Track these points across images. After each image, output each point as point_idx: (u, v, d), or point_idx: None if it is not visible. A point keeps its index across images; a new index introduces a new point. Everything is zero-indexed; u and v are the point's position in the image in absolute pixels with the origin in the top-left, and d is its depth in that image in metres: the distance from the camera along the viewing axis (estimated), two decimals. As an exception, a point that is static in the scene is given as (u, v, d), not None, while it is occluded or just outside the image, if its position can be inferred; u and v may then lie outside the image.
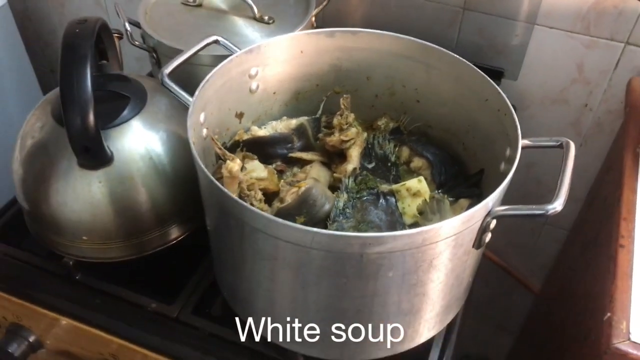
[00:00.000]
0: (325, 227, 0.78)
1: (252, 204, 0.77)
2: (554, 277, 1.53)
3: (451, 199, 0.87)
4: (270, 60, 0.87)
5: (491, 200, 0.64)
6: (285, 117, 0.94)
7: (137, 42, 1.03)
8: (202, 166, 0.66)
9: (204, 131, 0.80)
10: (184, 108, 0.75)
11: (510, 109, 0.75)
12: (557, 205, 0.62)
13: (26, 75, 1.65)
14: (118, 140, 0.84)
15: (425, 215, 0.78)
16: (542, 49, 1.22)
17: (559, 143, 0.71)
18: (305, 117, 0.94)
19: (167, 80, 0.78)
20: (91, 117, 0.75)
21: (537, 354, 1.41)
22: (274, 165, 0.91)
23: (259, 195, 0.78)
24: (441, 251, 0.65)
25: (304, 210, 0.77)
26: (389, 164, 0.90)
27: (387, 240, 0.60)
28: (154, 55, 1.05)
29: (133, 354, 0.86)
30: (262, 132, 0.90)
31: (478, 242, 0.68)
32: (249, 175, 0.82)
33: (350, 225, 0.79)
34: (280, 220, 0.60)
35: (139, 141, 0.85)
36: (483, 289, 1.73)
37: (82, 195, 0.82)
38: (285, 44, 0.87)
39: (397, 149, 0.93)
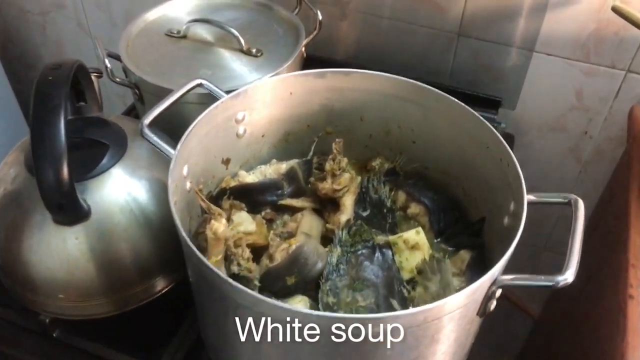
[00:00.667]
0: (318, 286, 0.73)
1: (238, 264, 0.72)
2: (554, 304, 1.49)
3: (451, 248, 0.83)
4: (258, 104, 0.82)
5: (497, 270, 0.60)
6: (274, 161, 0.89)
7: (118, 79, 0.98)
8: (185, 236, 0.61)
9: (187, 184, 0.75)
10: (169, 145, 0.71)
11: (514, 160, 0.71)
12: (568, 276, 0.58)
13: (7, 100, 1.59)
14: (96, 192, 0.78)
15: (424, 275, 0.73)
16: (540, 76, 1.18)
17: (567, 200, 0.67)
18: (296, 160, 0.89)
19: (147, 132, 0.73)
20: (65, 173, 0.69)
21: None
22: (262, 214, 0.85)
23: (247, 253, 0.73)
24: (444, 325, 0.60)
25: (294, 270, 0.72)
26: (385, 210, 0.85)
27: (384, 320, 0.55)
28: (137, 91, 0.99)
29: None
30: (250, 177, 0.85)
31: (483, 311, 0.64)
32: (236, 230, 0.77)
33: (344, 284, 0.74)
34: (268, 300, 0.55)
35: (118, 192, 0.80)
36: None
37: (57, 252, 0.77)
38: (273, 86, 0.82)
39: (392, 193, 0.88)
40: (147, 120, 0.73)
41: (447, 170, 0.86)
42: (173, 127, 0.80)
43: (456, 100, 0.79)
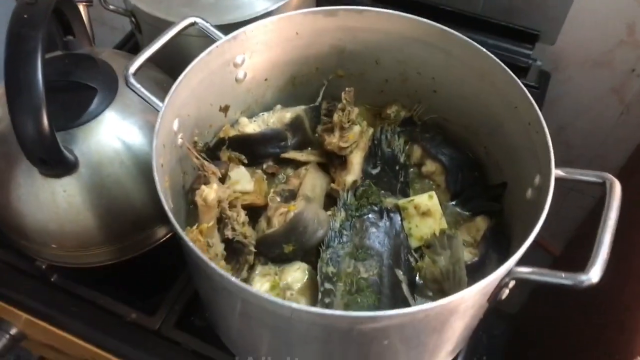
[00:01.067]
0: (318, 254, 0.68)
1: (233, 228, 0.67)
2: (577, 245, 1.42)
3: (466, 212, 0.76)
4: (260, 46, 0.74)
5: (513, 262, 0.53)
6: (279, 107, 0.81)
7: (111, 7, 0.89)
8: (175, 222, 0.55)
9: (179, 139, 0.69)
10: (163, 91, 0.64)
11: (544, 127, 0.62)
12: (592, 276, 0.51)
13: None
14: (83, 142, 0.72)
15: (433, 250, 0.67)
16: (588, 5, 1.04)
17: (601, 181, 0.58)
18: (302, 107, 0.81)
19: (132, 82, 0.66)
20: (44, 125, 0.64)
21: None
22: (264, 166, 0.79)
23: (242, 217, 0.68)
24: (448, 318, 0.55)
25: (292, 237, 0.67)
26: (397, 167, 0.78)
27: (382, 319, 0.50)
28: (133, 19, 0.90)
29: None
30: (251, 127, 0.78)
31: (494, 298, 0.58)
32: (232, 188, 0.71)
33: (346, 252, 0.68)
34: (253, 290, 0.51)
35: (109, 140, 0.74)
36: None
37: (46, 204, 0.73)
38: (277, 26, 0.73)
39: (407, 147, 0.80)
40: (133, 68, 0.66)
41: (469, 125, 0.77)
42: (173, 63, 0.73)
43: (485, 50, 0.69)
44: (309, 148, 0.82)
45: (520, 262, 0.54)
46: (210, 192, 0.63)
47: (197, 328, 0.80)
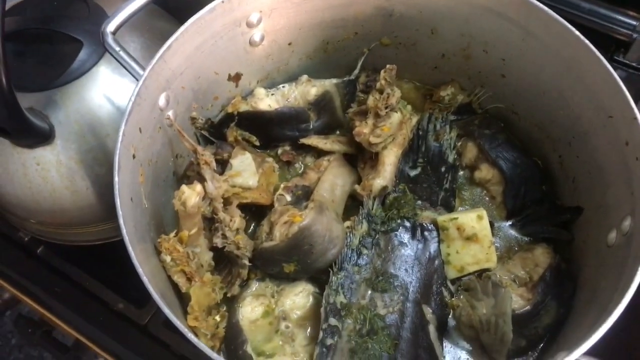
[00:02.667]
0: (327, 277, 0.54)
1: (224, 236, 0.54)
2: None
3: (524, 238, 0.60)
4: (280, 3, 0.58)
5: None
6: (305, 77, 0.66)
7: None
8: (126, 238, 0.42)
9: (170, 114, 0.55)
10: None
11: (649, 156, 0.44)
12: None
13: None
14: (62, 107, 0.60)
15: (474, 294, 0.52)
16: None
17: None
18: (334, 80, 0.65)
19: (110, 42, 0.52)
20: (3, 87, 0.51)
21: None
22: (279, 151, 0.65)
23: (236, 221, 0.55)
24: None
25: (294, 257, 0.53)
26: (444, 168, 0.62)
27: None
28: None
29: (89, 351, 0.72)
30: (266, 102, 0.63)
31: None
32: (232, 181, 0.58)
33: (363, 277, 0.55)
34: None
35: (93, 106, 0.61)
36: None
37: (17, 177, 0.62)
38: (305, -22, 0.56)
39: (460, 143, 0.64)
40: (112, 25, 0.52)
41: (544, 125, 0.60)
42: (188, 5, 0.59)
43: (577, 32, 0.51)
44: (337, 132, 0.67)
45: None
46: (191, 196, 0.49)
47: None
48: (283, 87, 0.65)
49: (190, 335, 0.42)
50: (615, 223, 0.48)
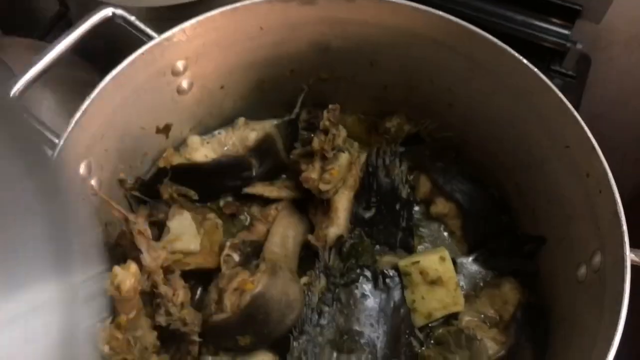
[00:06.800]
0: (288, 342, 0.50)
1: (168, 312, 0.48)
2: None
3: (490, 272, 0.57)
4: (207, 48, 0.53)
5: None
6: (242, 120, 0.61)
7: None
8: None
9: (93, 183, 0.49)
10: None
11: (613, 190, 0.42)
12: None
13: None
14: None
15: (446, 347, 0.49)
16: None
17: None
18: (274, 121, 0.61)
19: (17, 109, 0.45)
20: None
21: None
22: (221, 203, 0.60)
23: (180, 295, 0.49)
24: None
25: (249, 329, 0.48)
26: (398, 206, 0.59)
27: None
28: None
29: None
30: (202, 152, 0.58)
31: None
32: (171, 247, 0.52)
33: (326, 339, 0.50)
34: None
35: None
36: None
37: None
38: (230, 21, 0.52)
39: (412, 177, 0.61)
40: (15, 89, 0.45)
41: (497, 153, 0.58)
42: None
43: (524, 60, 0.48)
44: (283, 175, 0.62)
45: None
46: (125, 279, 0.44)
47: None
48: (219, 132, 0.60)
49: None
50: (583, 258, 0.46)
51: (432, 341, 0.51)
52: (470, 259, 0.58)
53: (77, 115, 0.45)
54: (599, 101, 1.06)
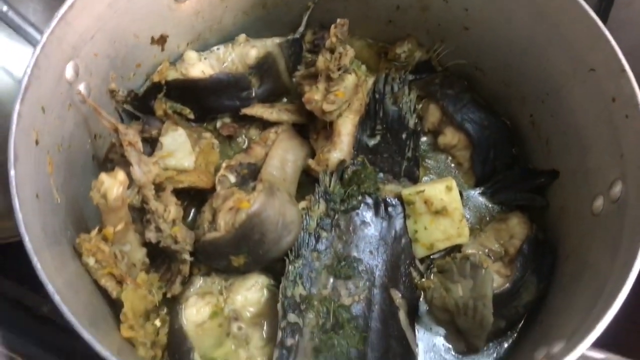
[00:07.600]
0: (283, 264, 0.47)
1: (158, 229, 0.46)
2: None
3: (497, 207, 0.55)
4: (209, -52, 0.48)
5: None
6: (243, 37, 0.57)
7: None
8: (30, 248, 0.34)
9: (81, 88, 0.46)
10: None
11: (641, 112, 0.39)
12: None
13: None
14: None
15: (448, 276, 0.47)
16: None
17: None
18: (277, 40, 0.57)
19: (-3, 0, 0.42)
20: None
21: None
22: (218, 124, 0.57)
23: (171, 212, 0.46)
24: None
25: (244, 248, 0.46)
26: (404, 135, 0.56)
27: None
28: None
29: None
30: (199, 67, 0.54)
31: None
32: (164, 163, 0.49)
33: (323, 264, 0.48)
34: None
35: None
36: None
37: None
38: None
39: (421, 105, 0.57)
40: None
41: (512, 81, 0.55)
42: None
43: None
44: (284, 99, 0.59)
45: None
46: (112, 187, 0.41)
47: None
48: (217, 49, 0.56)
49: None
50: (601, 189, 0.43)
51: (434, 268, 0.49)
52: (478, 192, 0.55)
53: (63, 9, 0.41)
54: (622, 44, 1.02)
